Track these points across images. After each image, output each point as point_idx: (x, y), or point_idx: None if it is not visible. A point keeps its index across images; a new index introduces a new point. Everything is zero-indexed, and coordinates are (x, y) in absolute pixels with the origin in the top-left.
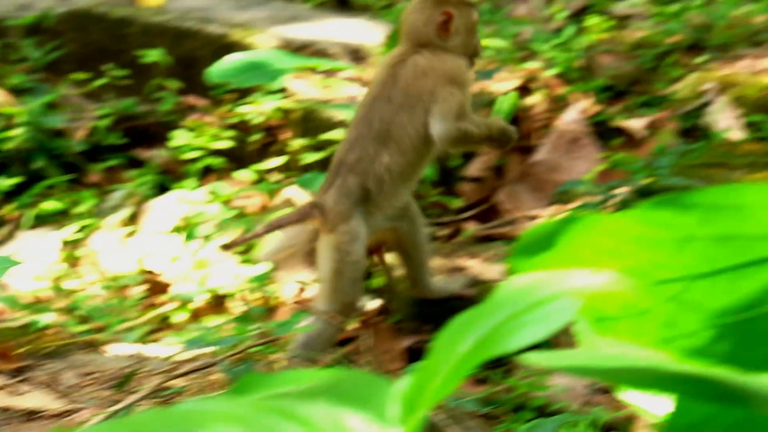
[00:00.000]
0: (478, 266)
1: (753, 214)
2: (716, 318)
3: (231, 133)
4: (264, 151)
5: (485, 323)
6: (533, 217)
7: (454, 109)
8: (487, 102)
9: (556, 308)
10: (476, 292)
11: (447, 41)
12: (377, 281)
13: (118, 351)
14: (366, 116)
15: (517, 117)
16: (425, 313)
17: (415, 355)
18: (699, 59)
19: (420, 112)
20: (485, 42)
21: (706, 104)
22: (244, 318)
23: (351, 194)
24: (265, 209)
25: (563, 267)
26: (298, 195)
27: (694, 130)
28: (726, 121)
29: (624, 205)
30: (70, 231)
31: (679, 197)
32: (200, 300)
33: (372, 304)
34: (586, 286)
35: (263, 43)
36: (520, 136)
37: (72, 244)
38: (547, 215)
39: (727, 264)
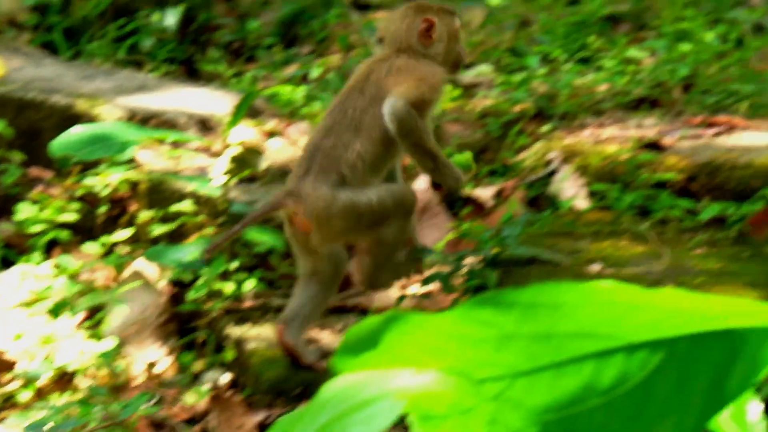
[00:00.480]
0: (329, 338)
1: (569, 313)
2: (539, 415)
3: (77, 205)
4: (112, 223)
5: (310, 425)
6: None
7: (413, 96)
8: None
9: (380, 409)
10: (327, 365)
11: (429, 48)
12: (228, 354)
13: None
14: (341, 105)
15: None
16: (276, 387)
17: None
18: (544, 128)
19: (388, 90)
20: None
21: (551, 173)
22: (90, 397)
23: (329, 179)
24: (114, 282)
25: (388, 366)
26: (147, 268)
27: (540, 199)
28: (571, 190)
29: (472, 275)
30: None
31: (499, 296)
32: (46, 377)
33: (222, 378)
34: (409, 387)
35: (109, 114)
36: None
37: None
38: (398, 285)
39: (547, 362)
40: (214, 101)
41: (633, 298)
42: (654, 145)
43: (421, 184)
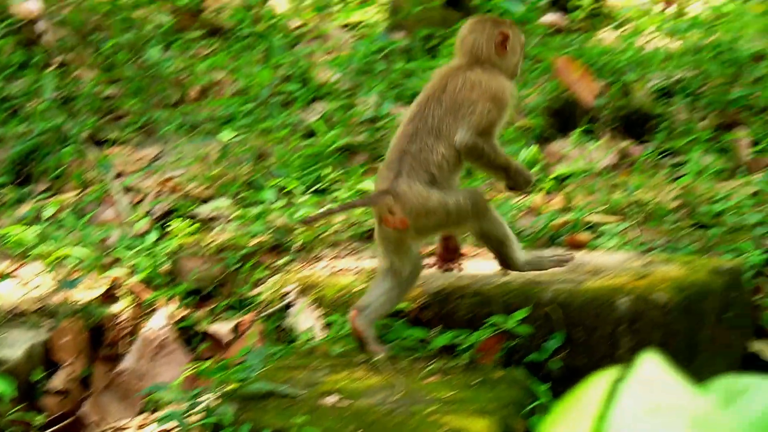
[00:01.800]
0: None
1: None
2: None
3: None
4: None
5: None
6: (121, 429)
7: (482, 125)
8: (70, 312)
9: None
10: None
11: (503, 59)
12: None
13: None
14: (422, 113)
15: (102, 326)
16: None
17: None
18: (281, 261)
19: (460, 118)
20: (69, 251)
21: (288, 306)
22: None
23: (422, 178)
24: None
25: None
26: None
27: (278, 331)
28: (307, 322)
29: (209, 412)
30: None
31: None
32: None
33: None
34: None
35: None
36: (107, 343)
37: None
38: (135, 425)
39: None
40: None
41: None
42: None
43: (158, 320)
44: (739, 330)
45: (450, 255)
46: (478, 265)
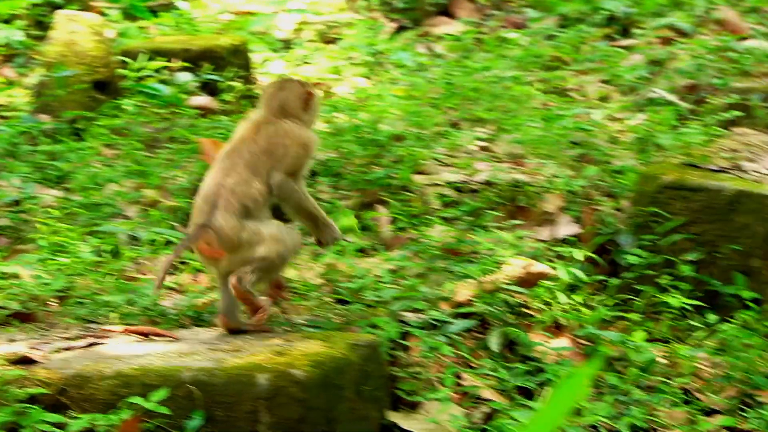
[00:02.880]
0: None
1: None
2: None
3: None
4: None
5: None
6: None
7: (294, 167)
8: None
9: None
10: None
11: (306, 114)
12: None
13: None
14: (237, 150)
15: None
16: None
17: None
18: None
19: (275, 159)
20: None
21: None
22: None
23: (237, 211)
24: None
25: None
26: None
27: None
28: None
29: None
30: None
31: None
32: None
33: None
34: None
35: None
36: None
37: None
38: None
39: None
40: None
41: None
42: (25, 360)
43: None
44: (377, 402)
45: (274, 291)
46: (119, 346)
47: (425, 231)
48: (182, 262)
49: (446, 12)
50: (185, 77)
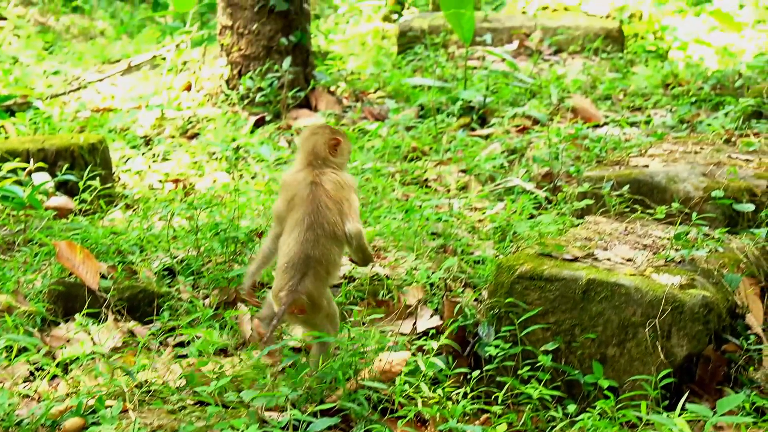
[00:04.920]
0: None
1: None
2: None
3: None
4: None
5: None
6: None
7: (358, 212)
8: None
9: None
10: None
11: (336, 158)
12: None
13: None
14: (317, 221)
15: None
16: None
17: None
18: None
19: (345, 214)
20: None
21: None
22: None
23: (324, 279)
24: None
25: None
26: None
27: None
28: None
29: None
30: None
31: None
32: None
33: None
34: None
35: None
36: None
37: None
38: None
39: None
40: None
41: None
42: None
43: None
44: None
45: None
46: None
47: (287, 328)
48: (39, 369)
49: (307, 104)
50: (41, 177)
